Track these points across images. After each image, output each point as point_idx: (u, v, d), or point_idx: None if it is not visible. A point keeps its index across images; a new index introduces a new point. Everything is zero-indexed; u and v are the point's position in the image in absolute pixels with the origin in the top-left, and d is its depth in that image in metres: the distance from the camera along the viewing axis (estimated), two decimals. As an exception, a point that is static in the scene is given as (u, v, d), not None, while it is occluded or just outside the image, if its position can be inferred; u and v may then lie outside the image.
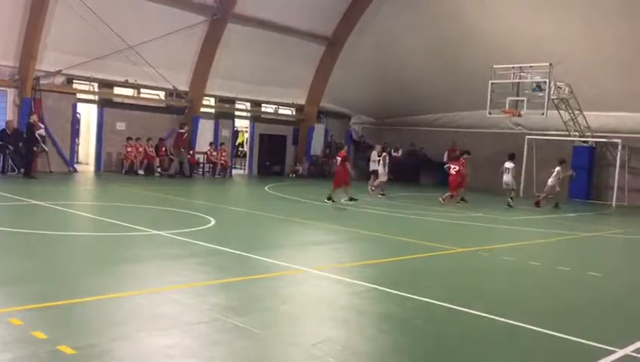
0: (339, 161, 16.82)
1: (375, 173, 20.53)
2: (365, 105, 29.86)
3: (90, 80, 21.27)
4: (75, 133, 22.24)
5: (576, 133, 22.90)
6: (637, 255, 11.99)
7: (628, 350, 5.14)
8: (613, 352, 5.06)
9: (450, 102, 26.88)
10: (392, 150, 29.39)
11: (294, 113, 28.24)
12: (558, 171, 19.07)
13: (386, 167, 19.39)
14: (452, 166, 18.40)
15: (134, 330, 4.96)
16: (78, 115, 22.87)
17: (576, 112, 22.22)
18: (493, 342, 5.40)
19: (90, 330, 4.89)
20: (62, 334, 4.70)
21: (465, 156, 19.02)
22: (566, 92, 21.21)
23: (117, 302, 5.75)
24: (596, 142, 23.24)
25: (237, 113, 26.71)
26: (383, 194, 19.14)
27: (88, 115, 24.19)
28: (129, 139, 21.97)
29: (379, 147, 21.26)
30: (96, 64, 20.65)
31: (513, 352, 5.18)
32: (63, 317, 5.22)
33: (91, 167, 22.85)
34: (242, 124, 28.83)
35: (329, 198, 16.17)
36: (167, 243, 9.01)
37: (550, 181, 18.99)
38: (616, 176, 22.11)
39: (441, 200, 17.82)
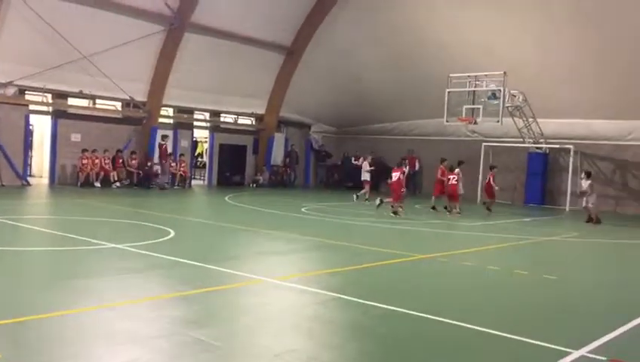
0: (397, 176, 16.92)
1: (365, 183, 20.58)
2: (325, 115, 30.01)
3: (43, 91, 20.75)
4: (27, 145, 21.63)
5: (531, 140, 23.51)
6: (590, 258, 12.35)
7: (583, 351, 5.26)
8: (570, 353, 5.18)
9: (408, 111, 27.27)
10: (353, 158, 29.62)
11: (254, 123, 28.14)
12: (458, 172, 18.52)
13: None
14: (450, 177, 18.26)
15: (91, 347, 4.83)
16: (30, 127, 22.28)
17: (530, 120, 22.84)
18: (454, 347, 5.46)
19: (45, 348, 4.73)
20: (16, 352, 4.55)
21: (445, 164, 19.09)
22: (520, 100, 21.79)
23: (73, 318, 5.59)
24: (550, 149, 23.89)
25: (196, 123, 26.46)
26: (400, 207, 18.19)
27: (42, 126, 23.60)
28: (84, 150, 21.49)
29: (369, 158, 21.38)
30: (50, 75, 20.16)
31: (473, 356, 5.25)
32: (17, 335, 5.04)
33: (45, 180, 22.27)
34: (201, 135, 28.57)
35: (394, 213, 16.50)
36: (125, 257, 8.81)
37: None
38: (570, 181, 22.75)
39: (448, 214, 17.76)
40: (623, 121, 22.65)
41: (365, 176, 20.83)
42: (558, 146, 23.52)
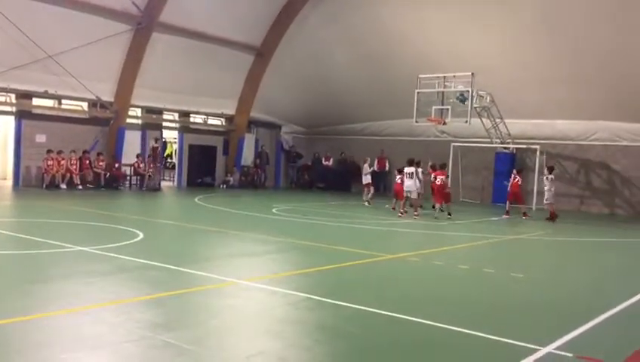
0: (441, 180, 17.33)
1: (368, 186, 20.48)
2: (295, 115, 29.99)
3: (6, 91, 20.27)
4: (-10, 146, 21.13)
5: (498, 140, 23.86)
6: (556, 256, 12.57)
7: (551, 347, 5.35)
8: (537, 350, 5.26)
9: (378, 111, 27.42)
10: (323, 159, 29.72)
11: (224, 123, 27.96)
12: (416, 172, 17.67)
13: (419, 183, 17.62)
14: (437, 176, 17.68)
15: (58, 352, 4.72)
16: (-7, 128, 21.79)
17: (498, 120, 23.18)
18: (423, 346, 5.50)
19: (8, 354, 4.61)
20: (-23, 360, 4.42)
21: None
22: (487, 100, 22.10)
23: (39, 323, 5.46)
24: (516, 149, 24.28)
25: (165, 124, 26.17)
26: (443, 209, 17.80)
27: (5, 127, 23.07)
28: (49, 151, 21.06)
29: (369, 159, 21.34)
30: (14, 74, 19.70)
31: (442, 354, 5.29)
32: (-22, 342, 4.90)
33: (9, 182, 21.77)
34: (171, 135, 28.27)
35: (449, 214, 17.22)
36: (92, 260, 8.65)
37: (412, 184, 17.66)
38: (536, 181, 23.15)
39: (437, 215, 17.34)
40: (587, 122, 23.19)
41: (366, 179, 20.74)
42: (524, 146, 23.93)
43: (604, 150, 23.29)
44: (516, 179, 19.38)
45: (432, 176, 18.02)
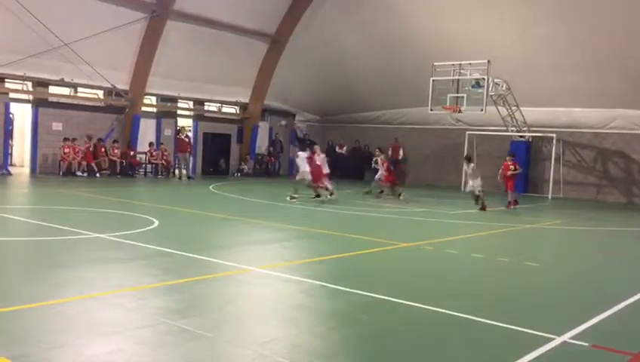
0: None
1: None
2: (309, 103, 29.95)
3: (23, 79, 20.45)
4: (8, 134, 21.34)
5: (514, 128, 23.65)
6: (573, 245, 12.48)
7: (565, 337, 5.33)
8: (552, 339, 5.24)
9: (393, 99, 27.28)
10: (337, 147, 29.67)
11: (238, 111, 27.99)
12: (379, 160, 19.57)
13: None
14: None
15: (74, 337, 4.79)
16: (11, 116, 21.98)
17: (514, 108, 22.96)
18: (437, 334, 5.49)
19: (27, 339, 4.68)
20: (1, 342, 4.50)
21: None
22: (503, 88, 21.87)
23: (56, 308, 5.54)
24: (532, 137, 24.06)
25: (179, 112, 26.26)
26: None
27: (22, 115, 23.30)
28: (66, 139, 21.24)
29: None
30: (30, 62, 19.86)
31: (456, 343, 5.28)
32: (1, 325, 4.99)
33: (27, 170, 22.02)
34: (185, 123, 28.33)
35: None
36: (108, 246, 8.75)
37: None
38: (552, 170, 22.96)
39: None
40: (605, 110, 22.91)
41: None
42: (540, 135, 23.71)
43: (620, 138, 23.01)
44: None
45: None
